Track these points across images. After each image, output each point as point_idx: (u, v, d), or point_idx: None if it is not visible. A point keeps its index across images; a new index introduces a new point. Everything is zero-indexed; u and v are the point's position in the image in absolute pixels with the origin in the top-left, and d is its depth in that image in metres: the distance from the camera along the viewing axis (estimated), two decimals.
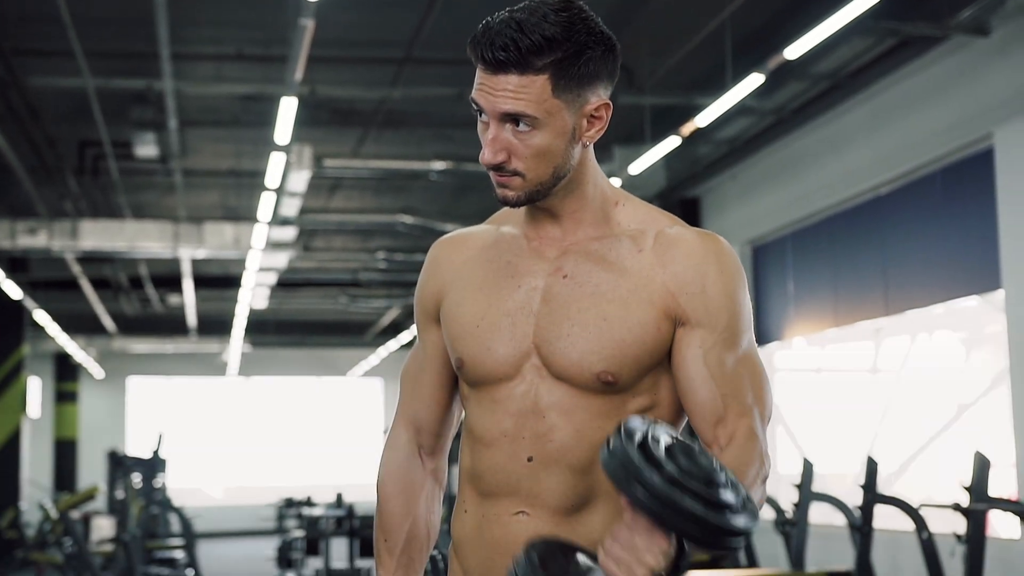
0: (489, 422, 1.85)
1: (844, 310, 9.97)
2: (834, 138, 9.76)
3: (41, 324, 16.92)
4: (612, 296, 1.79)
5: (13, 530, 13.98)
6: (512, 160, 1.76)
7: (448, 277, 1.95)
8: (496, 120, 1.75)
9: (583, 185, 1.84)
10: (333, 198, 13.30)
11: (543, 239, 1.88)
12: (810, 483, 8.65)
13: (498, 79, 1.72)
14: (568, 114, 1.75)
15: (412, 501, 2.01)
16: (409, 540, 2.00)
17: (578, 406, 1.79)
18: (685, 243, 1.82)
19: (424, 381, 2.01)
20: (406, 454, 2.03)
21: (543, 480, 1.79)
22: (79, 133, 10.80)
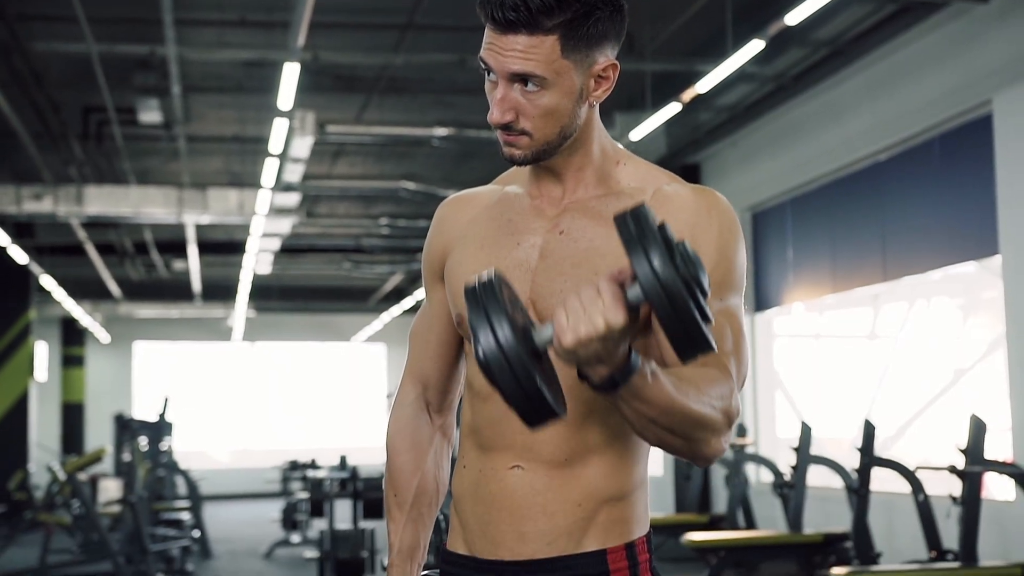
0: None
1: (843, 276, 9.97)
2: (834, 105, 9.73)
3: (47, 289, 16.93)
4: (605, 251, 1.78)
5: (22, 492, 14.05)
6: (520, 120, 1.76)
7: (453, 235, 1.96)
8: (505, 80, 1.74)
9: (587, 144, 1.83)
10: (336, 164, 13.28)
11: (545, 197, 1.87)
12: (808, 447, 8.67)
13: (507, 39, 1.72)
14: (576, 74, 1.74)
15: (421, 456, 2.02)
16: (418, 495, 2.01)
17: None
18: (680, 198, 1.81)
19: (431, 339, 2.03)
20: (414, 410, 2.04)
21: (538, 433, 1.78)
22: (83, 98, 10.78)
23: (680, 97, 8.93)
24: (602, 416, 1.79)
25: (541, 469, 1.79)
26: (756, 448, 11.04)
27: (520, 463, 1.80)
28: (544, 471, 1.79)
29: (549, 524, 1.79)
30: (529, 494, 1.80)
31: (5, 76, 9.60)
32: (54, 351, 21.69)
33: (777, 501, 9.79)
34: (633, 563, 1.82)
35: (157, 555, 10.26)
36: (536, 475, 1.79)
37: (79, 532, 10.39)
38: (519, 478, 1.80)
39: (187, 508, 12.33)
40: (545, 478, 1.79)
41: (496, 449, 1.82)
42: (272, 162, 10.51)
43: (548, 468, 1.79)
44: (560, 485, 1.79)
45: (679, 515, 10.96)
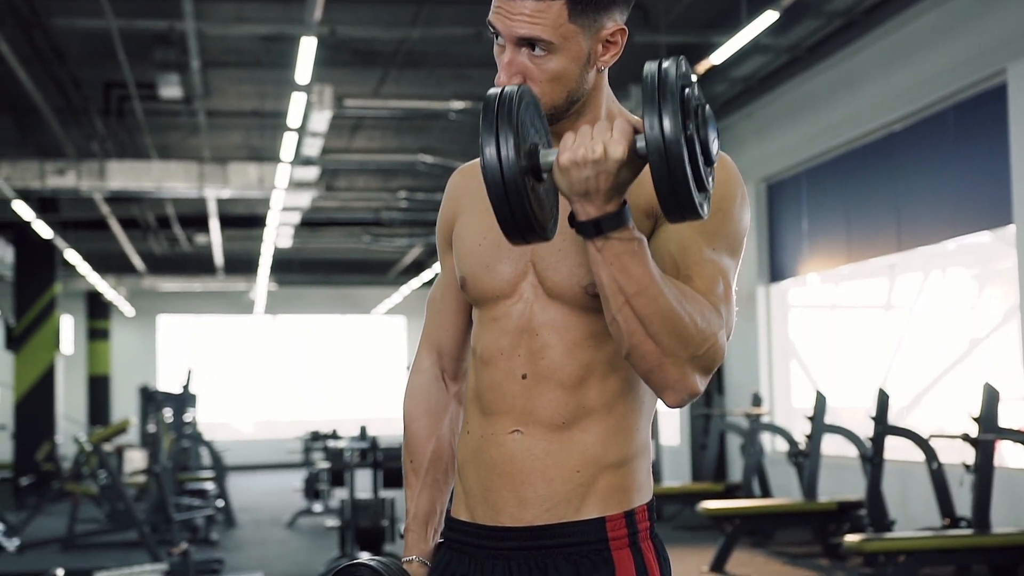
0: (488, 340, 1.85)
1: (857, 247, 9.92)
2: (848, 75, 9.66)
3: (72, 263, 16.99)
4: None
5: (50, 463, 14.16)
6: (527, 84, 1.73)
7: (461, 203, 1.96)
8: (512, 44, 1.73)
9: (595, 109, 1.82)
10: (355, 138, 13.26)
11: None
12: (823, 416, 8.67)
13: (515, 3, 1.70)
14: (584, 39, 1.72)
15: (436, 423, 2.02)
16: (434, 460, 2.01)
17: (570, 324, 1.78)
18: None
19: (445, 307, 2.02)
20: (430, 377, 2.04)
21: (535, 397, 1.79)
22: (104, 74, 10.77)
23: (694, 69, 8.87)
24: (600, 379, 1.78)
25: (540, 433, 1.79)
26: (771, 418, 11.03)
27: (520, 427, 1.80)
28: (543, 435, 1.79)
29: (548, 490, 1.78)
30: (528, 459, 1.79)
31: (27, 53, 9.60)
32: (80, 324, 21.78)
33: (792, 470, 9.79)
34: (632, 531, 1.81)
35: (182, 524, 10.34)
36: (535, 440, 1.79)
37: (106, 502, 10.46)
38: (519, 443, 1.80)
39: (211, 478, 12.41)
40: (544, 443, 1.79)
41: (497, 413, 1.82)
42: (291, 136, 10.50)
43: (547, 432, 1.79)
44: (559, 450, 1.78)
45: (695, 484, 10.97)
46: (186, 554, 7.08)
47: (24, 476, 14.81)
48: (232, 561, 9.16)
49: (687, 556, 8.74)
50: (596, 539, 1.78)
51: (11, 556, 8.80)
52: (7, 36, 8.86)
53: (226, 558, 9.19)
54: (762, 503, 8.82)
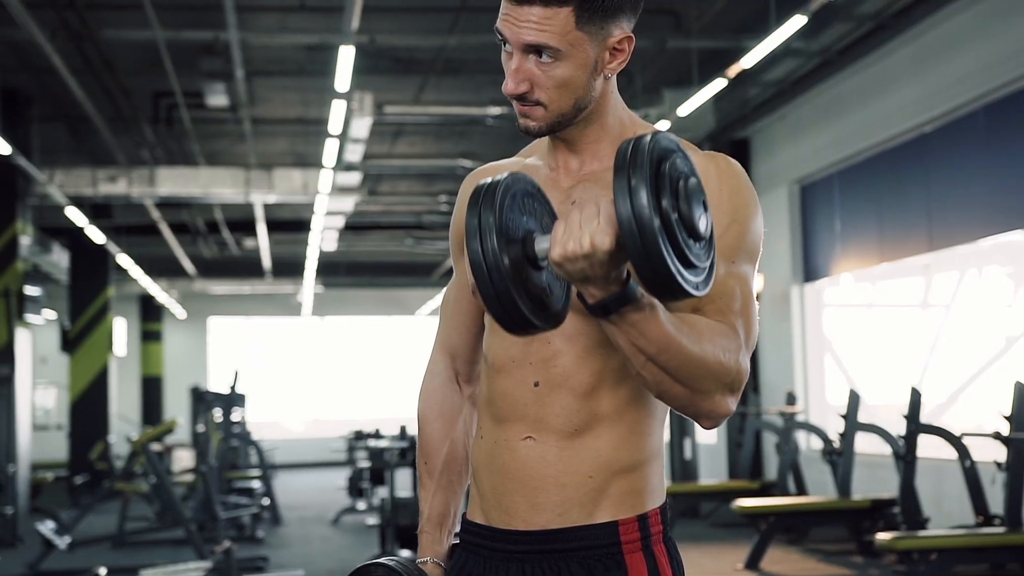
0: (499, 348, 1.82)
1: (889, 246, 9.83)
2: (879, 78, 9.57)
3: (125, 268, 17.13)
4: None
5: (103, 462, 14.28)
6: (535, 90, 1.72)
7: None
8: (519, 50, 1.71)
9: (603, 116, 1.80)
10: (397, 144, 13.30)
11: (561, 169, 1.84)
12: (856, 414, 8.59)
13: (522, 10, 1.69)
14: (591, 46, 1.71)
15: (450, 425, 2.00)
16: (447, 463, 1.99)
17: (582, 333, 1.75)
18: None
19: (458, 310, 2.01)
20: (444, 380, 2.02)
21: (548, 404, 1.76)
22: (153, 84, 10.87)
23: (726, 73, 8.83)
24: (612, 386, 1.76)
25: (552, 440, 1.76)
26: (806, 416, 10.94)
27: (532, 434, 1.78)
28: (555, 442, 1.76)
29: (561, 495, 1.76)
30: (540, 465, 1.77)
31: (78, 64, 9.70)
32: (133, 327, 21.97)
33: (827, 467, 9.71)
34: (645, 534, 1.78)
35: (229, 522, 10.39)
36: (547, 446, 1.77)
37: (156, 500, 10.53)
38: (531, 449, 1.78)
39: (258, 477, 12.46)
40: (556, 449, 1.76)
41: (509, 420, 1.80)
42: (332, 143, 10.54)
43: (559, 439, 1.76)
44: (571, 456, 1.76)
45: (731, 482, 10.89)
46: (229, 552, 7.10)
47: (79, 475, 14.94)
48: (276, 558, 9.20)
49: (722, 553, 8.68)
50: (608, 543, 1.76)
51: (62, 553, 8.87)
52: (59, 48, 8.95)
53: (270, 555, 9.23)
54: (796, 501, 8.75)
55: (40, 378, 20.80)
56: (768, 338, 11.87)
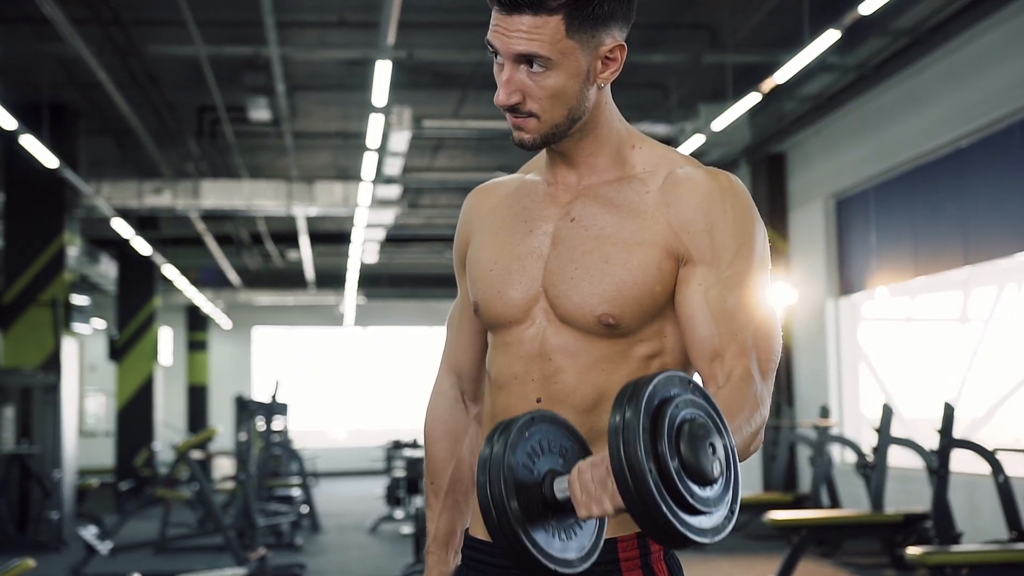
0: (502, 364, 1.80)
1: (925, 261, 9.73)
2: (915, 93, 9.49)
3: (170, 278, 17.28)
4: (615, 239, 1.72)
5: (148, 468, 14.40)
6: (527, 101, 1.70)
7: (475, 225, 1.92)
8: (510, 61, 1.69)
9: (598, 128, 1.77)
10: (437, 157, 13.32)
11: (560, 184, 1.82)
12: (889, 428, 8.49)
13: (512, 19, 1.66)
14: (582, 55, 1.68)
15: (456, 445, 1.98)
16: (453, 483, 1.97)
17: (583, 349, 1.73)
18: (691, 182, 1.73)
19: (463, 329, 1.98)
20: (450, 399, 2.00)
21: None
22: (197, 98, 10.95)
23: (760, 88, 8.78)
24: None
25: None
26: (840, 429, 10.85)
27: None
28: None
29: None
30: None
31: (124, 79, 9.80)
32: (180, 337, 22.14)
33: (861, 480, 9.61)
34: (645, 552, 1.75)
35: (268, 529, 10.43)
36: None
37: (199, 506, 10.59)
38: None
39: (298, 485, 12.50)
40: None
41: None
42: (371, 156, 10.57)
43: None
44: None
45: (765, 494, 10.82)
46: (264, 559, 7.13)
47: (124, 481, 15.06)
48: (314, 565, 9.22)
49: (755, 565, 8.62)
50: (607, 560, 1.72)
51: (105, 559, 8.93)
52: (105, 64, 9.04)
53: (308, 562, 9.25)
54: (827, 514, 8.66)
55: (89, 385, 21.04)
56: (802, 351, 11.78)
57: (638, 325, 1.72)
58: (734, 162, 12.40)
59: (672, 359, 1.76)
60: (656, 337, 1.74)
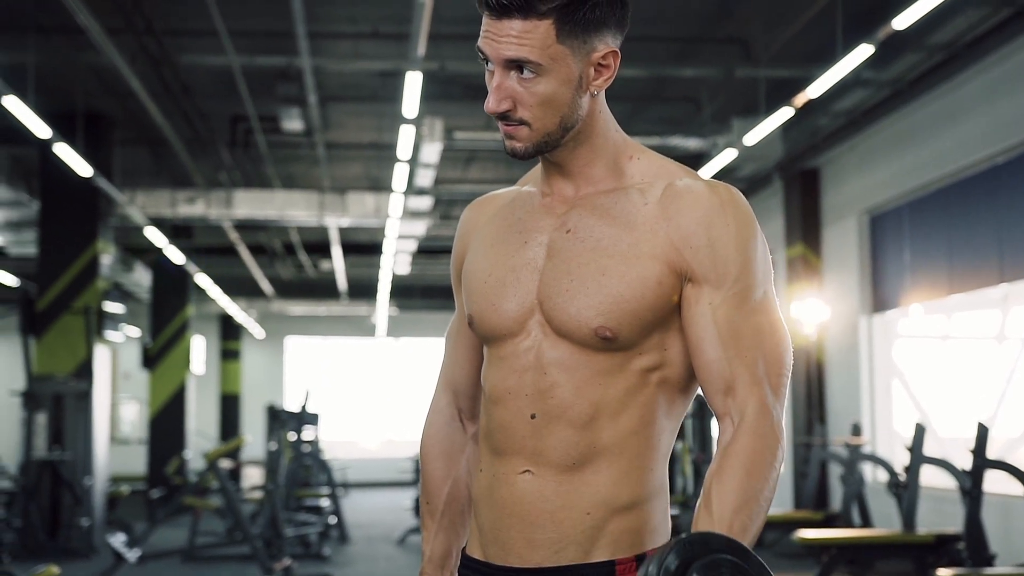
0: (497, 379, 1.76)
1: (960, 278, 9.63)
2: (950, 109, 9.40)
3: (204, 287, 17.36)
4: (613, 251, 1.69)
5: (179, 476, 14.43)
6: (518, 108, 1.66)
7: (471, 238, 1.88)
8: (501, 67, 1.66)
9: (593, 137, 1.74)
10: (469, 169, 13.33)
11: (556, 195, 1.78)
12: (921, 447, 8.39)
13: (502, 24, 1.63)
14: (574, 61, 1.65)
15: (452, 464, 1.94)
16: (449, 502, 1.93)
17: (579, 363, 1.69)
18: (691, 195, 1.69)
19: (459, 345, 1.95)
20: (447, 417, 1.96)
21: (546, 437, 1.70)
22: (230, 108, 11.00)
23: (792, 102, 8.71)
24: (612, 416, 1.69)
25: (550, 474, 1.70)
26: (873, 447, 10.74)
27: (530, 468, 1.72)
28: (553, 476, 1.70)
29: (557, 532, 1.70)
30: (538, 501, 1.71)
31: (158, 88, 9.85)
32: (213, 345, 22.24)
33: (892, 500, 9.50)
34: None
35: (296, 539, 10.43)
36: (545, 481, 1.71)
37: (229, 516, 10.61)
38: (528, 484, 1.72)
39: (327, 495, 12.50)
40: (554, 484, 1.70)
41: (507, 453, 1.74)
42: (402, 167, 10.57)
43: (557, 473, 1.70)
44: (569, 492, 1.70)
45: (795, 512, 10.72)
46: (289, 569, 7.12)
47: (155, 488, 15.12)
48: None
49: None
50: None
51: (133, 567, 8.96)
52: (139, 73, 9.09)
53: (335, 573, 9.24)
54: (857, 533, 8.56)
55: (123, 393, 21.16)
56: (835, 368, 11.68)
57: (637, 338, 1.68)
58: (767, 177, 12.33)
59: (673, 372, 1.72)
60: (656, 350, 1.70)
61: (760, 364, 1.65)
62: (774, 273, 1.75)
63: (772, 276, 1.72)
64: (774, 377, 1.66)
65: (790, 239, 12.09)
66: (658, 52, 9.62)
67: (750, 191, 13.11)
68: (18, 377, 12.58)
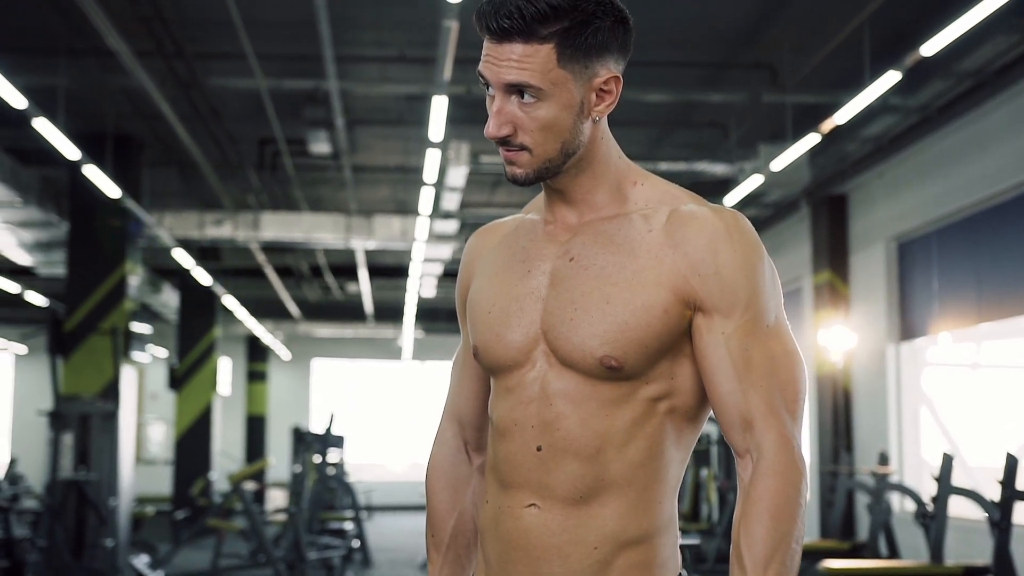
0: (503, 411, 1.74)
1: (988, 306, 9.55)
2: (979, 135, 9.34)
3: (231, 309, 17.43)
4: (617, 278, 1.66)
5: (204, 498, 14.46)
6: (518, 134, 1.65)
7: (476, 267, 1.87)
8: (501, 92, 1.64)
9: (595, 164, 1.72)
10: (495, 193, 13.34)
11: (559, 223, 1.76)
12: (949, 477, 8.30)
13: (503, 48, 1.62)
14: (575, 86, 1.64)
15: (457, 497, 1.92)
16: (455, 536, 1.91)
17: (585, 394, 1.67)
18: (696, 221, 1.67)
19: (465, 376, 1.92)
20: (452, 449, 1.94)
21: (552, 470, 1.68)
22: (258, 131, 11.05)
23: (819, 128, 8.69)
24: (618, 447, 1.67)
25: (557, 508, 1.68)
26: (900, 476, 10.64)
27: (536, 501, 1.69)
28: (560, 510, 1.68)
29: (564, 568, 1.67)
30: (544, 535, 1.68)
31: (187, 111, 9.92)
32: (239, 367, 22.30)
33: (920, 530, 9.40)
34: None
35: (319, 562, 10.41)
36: (552, 515, 1.68)
37: (254, 538, 10.61)
38: (535, 517, 1.69)
39: (351, 518, 12.48)
40: (560, 518, 1.68)
41: (513, 486, 1.71)
42: (428, 191, 10.59)
43: (564, 507, 1.68)
44: (575, 526, 1.67)
45: (822, 541, 10.62)
46: None
47: (180, 510, 15.15)
48: None
49: None
50: None
51: None
52: (168, 96, 9.16)
53: None
54: (885, 564, 8.47)
55: (150, 414, 21.24)
56: (862, 396, 11.60)
57: (643, 367, 1.66)
58: (794, 203, 12.28)
59: (681, 401, 1.70)
60: (663, 379, 1.68)
61: (775, 392, 1.63)
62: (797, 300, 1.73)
63: (781, 299, 1.70)
64: (790, 404, 1.64)
65: (817, 266, 12.03)
66: (685, 77, 9.62)
67: (777, 217, 13.06)
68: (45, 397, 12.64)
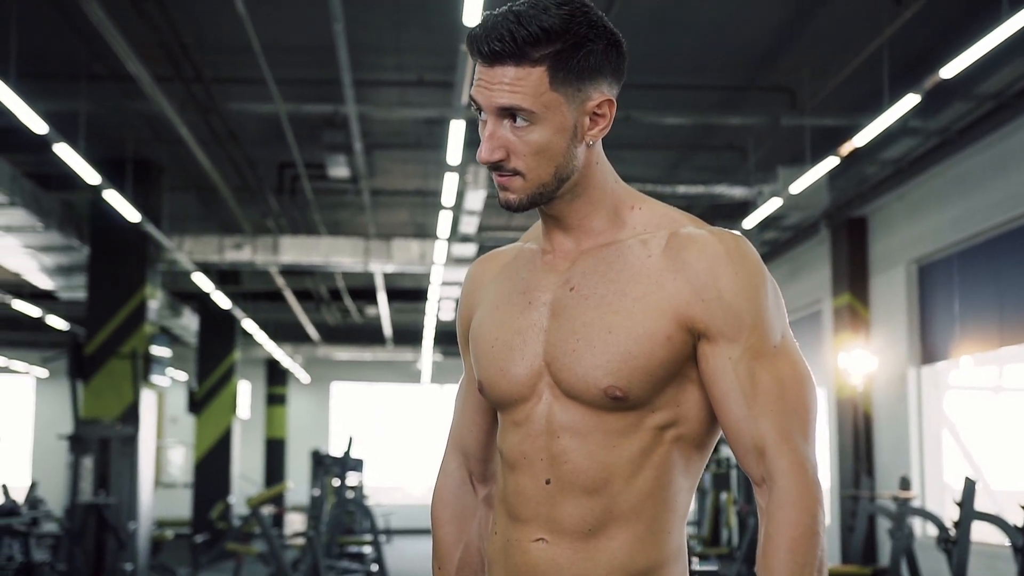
0: (511, 444, 1.72)
1: (1010, 329, 9.49)
2: (1000, 158, 9.31)
3: (250, 332, 17.47)
4: (618, 307, 1.64)
5: (223, 521, 14.45)
6: (511, 158, 1.62)
7: (476, 297, 1.83)
8: (494, 115, 1.62)
9: (590, 189, 1.69)
10: (513, 216, 13.32)
11: (557, 251, 1.73)
12: (971, 502, 8.23)
13: (495, 72, 1.60)
14: (568, 109, 1.61)
15: (463, 528, 1.89)
16: (461, 567, 1.89)
17: (591, 425, 1.65)
18: (696, 245, 1.64)
19: (467, 407, 1.90)
20: (457, 481, 1.91)
21: (560, 504, 1.66)
22: (277, 155, 11.10)
23: (838, 151, 8.67)
24: (626, 479, 1.64)
25: (565, 542, 1.66)
26: (922, 501, 10.56)
27: (544, 536, 1.67)
28: (568, 544, 1.65)
29: None
30: (552, 569, 1.66)
31: (206, 135, 9.97)
32: (259, 390, 22.33)
33: (942, 556, 9.33)
34: None
35: None
36: (560, 549, 1.66)
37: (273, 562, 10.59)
38: (543, 552, 1.67)
39: (369, 542, 12.44)
40: (569, 552, 1.65)
41: (522, 520, 1.69)
42: (446, 214, 10.61)
43: (572, 541, 1.65)
44: (584, 560, 1.65)
45: (843, 566, 10.53)
46: None
47: (200, 533, 15.15)
48: None
49: None
50: None
51: None
52: (188, 121, 9.21)
53: None
54: None
55: (170, 437, 21.28)
56: (883, 420, 11.53)
57: (648, 396, 1.63)
58: (813, 226, 12.25)
59: (688, 428, 1.67)
60: (669, 406, 1.65)
61: (786, 416, 1.61)
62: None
63: (786, 318, 1.68)
64: (802, 425, 1.61)
65: (837, 289, 11.98)
66: (704, 100, 9.61)
67: (796, 240, 13.03)
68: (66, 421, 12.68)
